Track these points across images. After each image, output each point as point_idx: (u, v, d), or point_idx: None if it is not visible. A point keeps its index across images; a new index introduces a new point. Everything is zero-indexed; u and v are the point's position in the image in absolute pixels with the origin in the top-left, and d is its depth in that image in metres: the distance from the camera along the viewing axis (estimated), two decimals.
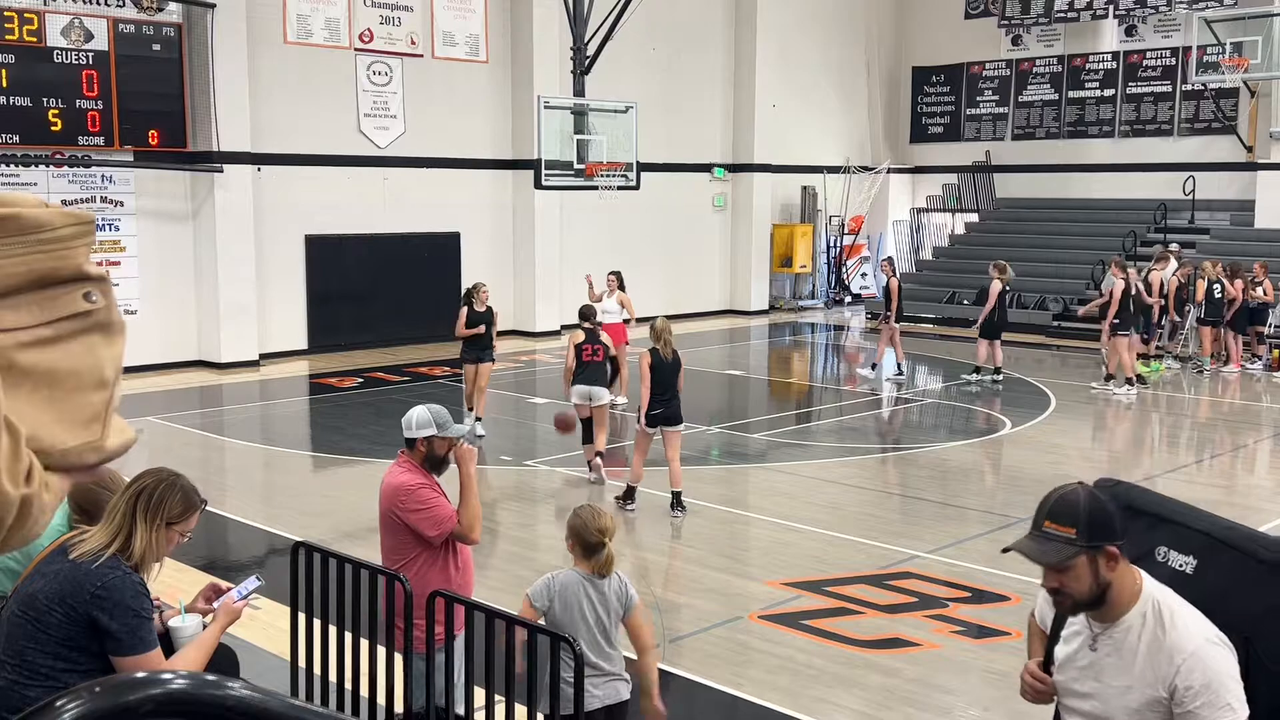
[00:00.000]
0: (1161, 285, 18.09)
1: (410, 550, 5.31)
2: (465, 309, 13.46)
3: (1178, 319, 18.71)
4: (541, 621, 4.81)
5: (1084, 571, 2.91)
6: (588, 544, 4.89)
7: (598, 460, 11.18)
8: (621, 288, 15.08)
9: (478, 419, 13.20)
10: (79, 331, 1.11)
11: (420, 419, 5.44)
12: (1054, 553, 2.92)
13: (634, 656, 5.04)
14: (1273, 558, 2.97)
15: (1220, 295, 17.99)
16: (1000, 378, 16.71)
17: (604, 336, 11.86)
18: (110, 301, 1.16)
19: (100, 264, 1.25)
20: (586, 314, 12.16)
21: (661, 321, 10.29)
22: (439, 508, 5.29)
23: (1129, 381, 16.03)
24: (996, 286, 16.61)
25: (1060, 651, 3.14)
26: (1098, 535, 2.90)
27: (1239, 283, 18.05)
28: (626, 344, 14.68)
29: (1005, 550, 3.05)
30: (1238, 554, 3.01)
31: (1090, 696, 3.05)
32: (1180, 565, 3.06)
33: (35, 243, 1.08)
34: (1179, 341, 18.96)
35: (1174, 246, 21.13)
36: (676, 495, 10.06)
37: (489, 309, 13.48)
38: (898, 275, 17.73)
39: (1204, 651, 2.84)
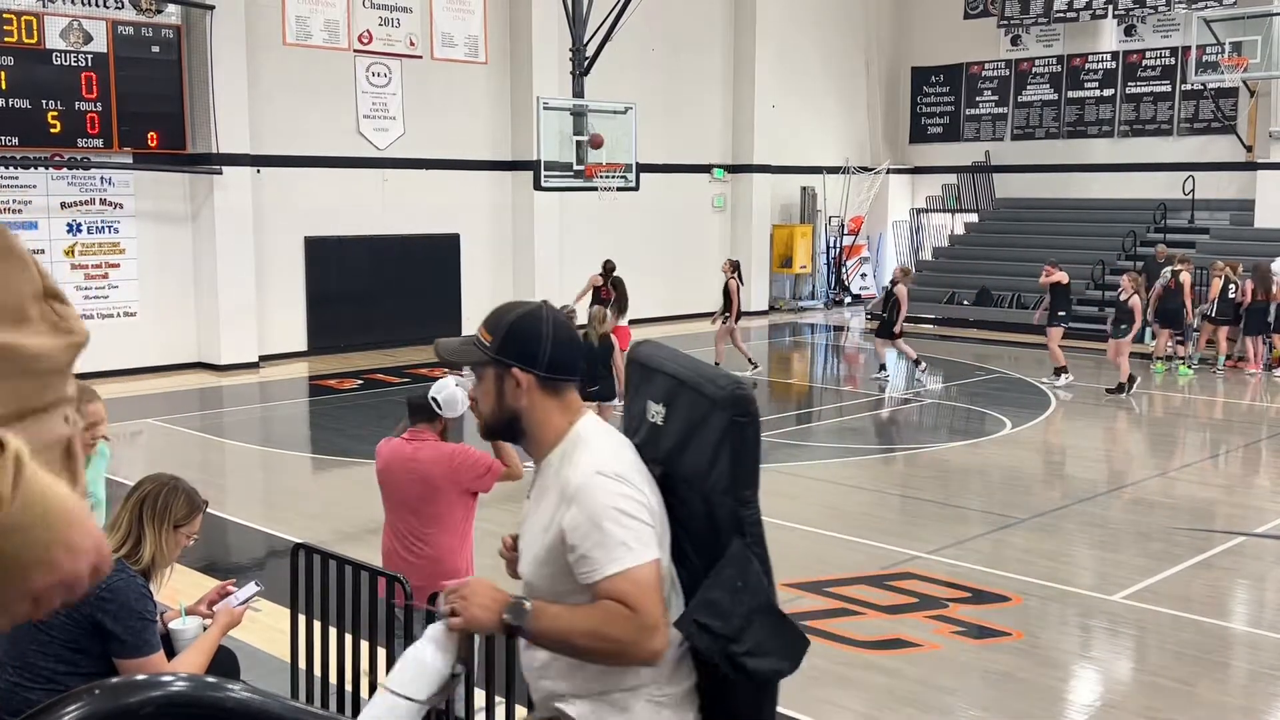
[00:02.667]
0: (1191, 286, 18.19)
1: (468, 510, 5.57)
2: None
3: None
4: None
5: (490, 387, 2.59)
6: None
7: None
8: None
9: None
10: (52, 461, 1.01)
11: (462, 398, 5.58)
12: (457, 352, 2.67)
13: None
14: (718, 392, 2.48)
15: (1234, 295, 18.03)
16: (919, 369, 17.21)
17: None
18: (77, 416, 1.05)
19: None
20: (610, 267, 16.10)
21: (595, 309, 11.86)
22: (485, 455, 5.62)
23: (1058, 372, 16.56)
24: (903, 289, 17.00)
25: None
26: (508, 351, 2.55)
27: (1250, 283, 18.04)
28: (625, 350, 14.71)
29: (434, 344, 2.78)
30: (693, 393, 2.55)
31: (521, 554, 2.70)
32: (654, 416, 2.66)
33: (30, 374, 1.00)
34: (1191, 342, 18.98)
35: (1160, 247, 21.12)
36: None
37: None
38: (739, 275, 17.99)
39: (591, 485, 2.42)
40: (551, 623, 2.44)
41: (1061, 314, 16.67)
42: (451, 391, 5.65)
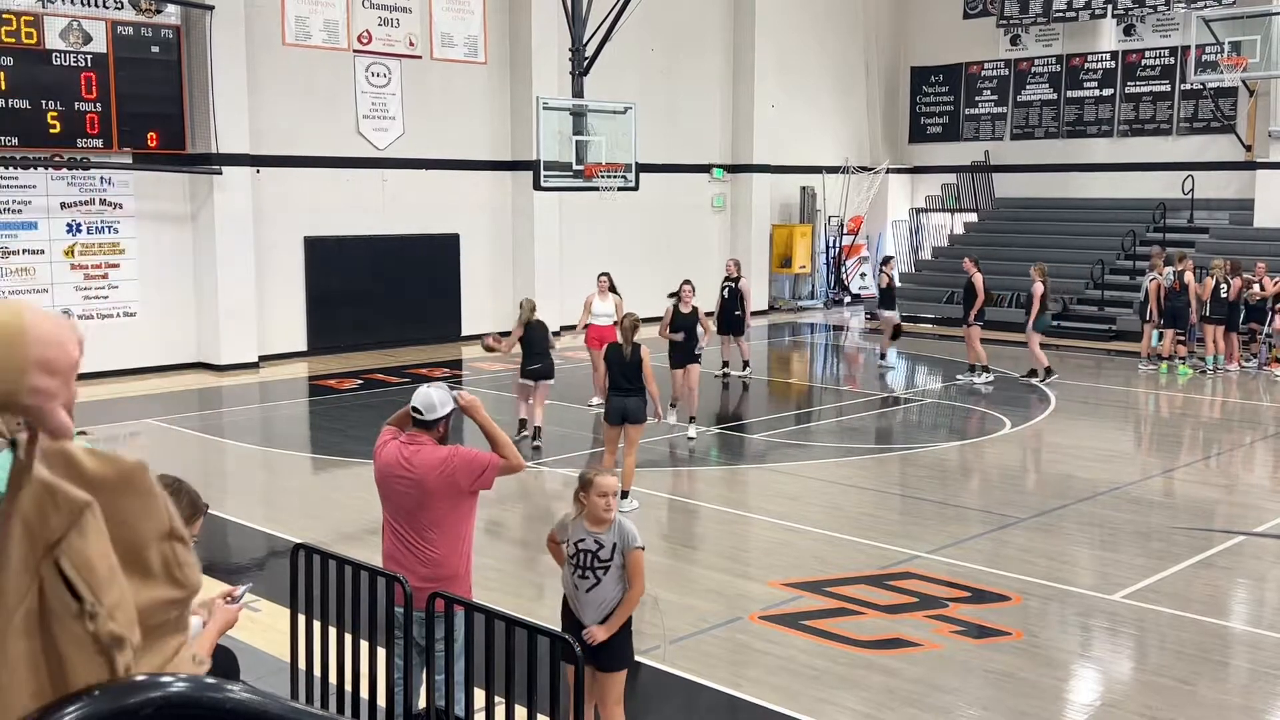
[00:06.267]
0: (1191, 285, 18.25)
1: (467, 512, 5.57)
2: (671, 308, 13.96)
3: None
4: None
5: None
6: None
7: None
8: (613, 290, 15.02)
9: (691, 419, 13.45)
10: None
11: (440, 399, 5.62)
12: None
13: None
14: None
15: (1226, 294, 18.05)
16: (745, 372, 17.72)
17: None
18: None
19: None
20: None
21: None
22: (481, 453, 5.60)
23: (975, 369, 17.21)
24: (746, 284, 17.68)
25: None
26: None
27: (1238, 281, 18.10)
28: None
29: None
30: None
31: None
32: None
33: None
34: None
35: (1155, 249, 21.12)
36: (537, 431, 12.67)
37: (694, 310, 13.71)
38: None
39: None
40: None
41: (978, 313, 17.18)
42: (427, 395, 5.65)
